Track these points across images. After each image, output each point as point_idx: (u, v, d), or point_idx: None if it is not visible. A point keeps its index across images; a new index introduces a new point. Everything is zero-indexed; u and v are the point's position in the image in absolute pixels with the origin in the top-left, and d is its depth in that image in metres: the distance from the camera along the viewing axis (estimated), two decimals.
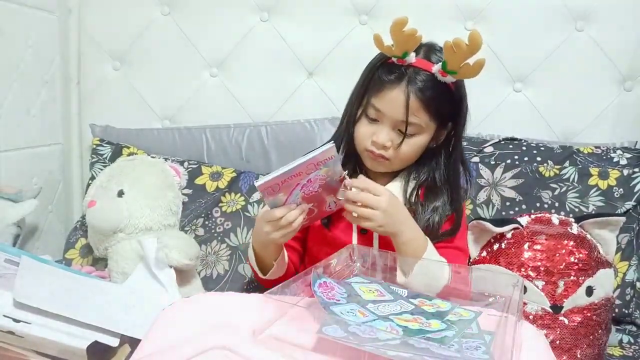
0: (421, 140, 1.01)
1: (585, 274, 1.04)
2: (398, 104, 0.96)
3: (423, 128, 0.99)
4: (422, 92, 0.96)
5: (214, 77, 1.62)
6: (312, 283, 0.73)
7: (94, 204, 1.22)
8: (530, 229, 1.09)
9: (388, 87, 0.98)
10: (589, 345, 1.04)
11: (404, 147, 1.00)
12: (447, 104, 1.00)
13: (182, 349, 0.68)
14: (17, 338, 0.77)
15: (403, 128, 0.98)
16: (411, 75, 0.96)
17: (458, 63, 0.92)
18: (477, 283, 0.86)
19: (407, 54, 0.96)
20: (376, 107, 1.00)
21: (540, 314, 1.03)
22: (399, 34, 0.93)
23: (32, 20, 1.47)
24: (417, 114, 0.97)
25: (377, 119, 1.00)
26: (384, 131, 0.99)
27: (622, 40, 1.45)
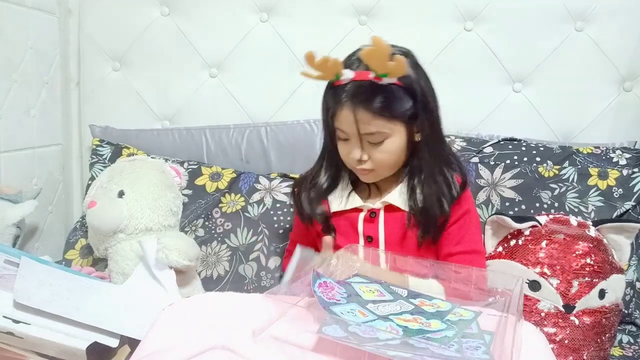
0: (393, 143, 1.00)
1: (599, 276, 1.04)
2: (351, 121, 0.98)
3: (387, 133, 0.99)
4: (367, 102, 0.96)
5: (214, 78, 1.62)
6: (312, 283, 0.73)
7: (94, 205, 1.22)
8: (549, 228, 1.09)
9: (338, 109, 0.99)
10: (595, 347, 1.04)
11: (378, 155, 1.01)
12: (400, 103, 0.98)
13: (182, 349, 0.68)
14: (17, 339, 0.77)
15: (368, 139, 0.99)
16: (353, 91, 0.97)
17: (382, 66, 0.92)
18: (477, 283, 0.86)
19: (339, 75, 0.96)
20: (339, 128, 1.02)
21: (552, 312, 1.03)
22: (315, 65, 0.94)
23: (32, 21, 1.47)
24: (372, 124, 0.97)
25: (347, 138, 1.02)
26: (355, 148, 1.01)
27: (622, 40, 1.45)
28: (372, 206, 1.07)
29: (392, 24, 1.52)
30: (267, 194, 1.39)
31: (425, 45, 1.52)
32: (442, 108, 1.52)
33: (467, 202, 1.08)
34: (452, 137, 1.43)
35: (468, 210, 1.07)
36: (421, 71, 1.03)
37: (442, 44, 1.51)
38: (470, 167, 1.36)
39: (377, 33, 1.64)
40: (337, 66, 0.94)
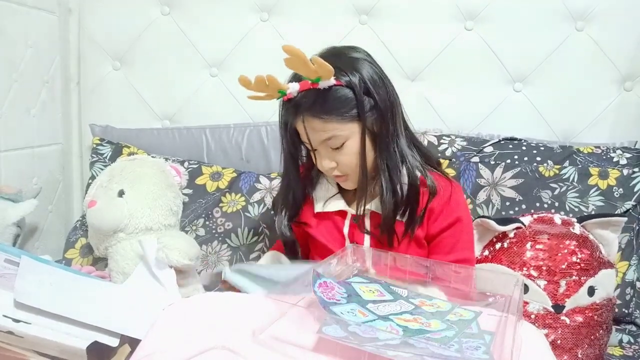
0: (353, 144, 0.99)
1: (587, 274, 1.04)
2: (304, 132, 0.98)
3: (343, 135, 0.98)
4: (312, 110, 0.96)
5: (214, 77, 1.62)
6: (312, 283, 0.73)
7: (95, 204, 1.22)
8: (533, 229, 1.09)
9: (294, 123, 1.00)
10: (590, 345, 1.04)
11: (343, 159, 1.00)
12: (345, 101, 0.96)
13: (182, 349, 0.68)
14: (17, 338, 0.77)
15: (329, 145, 0.99)
16: (299, 102, 0.97)
17: (308, 71, 0.91)
18: (477, 283, 0.86)
19: (283, 91, 0.95)
20: (303, 141, 1.02)
21: (542, 313, 1.03)
22: (254, 88, 0.94)
23: (32, 20, 1.47)
24: (324, 129, 0.97)
25: (315, 149, 1.02)
26: (320, 158, 1.02)
27: (622, 40, 1.45)
28: (354, 212, 1.05)
29: (393, 24, 1.52)
30: (268, 194, 1.39)
31: (425, 45, 1.52)
32: (443, 108, 1.54)
33: (457, 209, 1.05)
34: (453, 137, 1.43)
35: (459, 218, 1.04)
36: (367, 65, 0.99)
37: (442, 43, 1.51)
38: (471, 166, 1.36)
39: (377, 33, 1.65)
40: (275, 82, 0.93)
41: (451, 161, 1.37)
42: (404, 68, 1.53)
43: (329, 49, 1.04)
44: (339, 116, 0.96)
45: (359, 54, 1.02)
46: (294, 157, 1.07)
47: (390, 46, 1.53)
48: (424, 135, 1.43)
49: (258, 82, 0.90)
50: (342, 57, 0.99)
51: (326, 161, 1.01)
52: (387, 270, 0.92)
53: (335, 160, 1.01)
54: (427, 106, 1.54)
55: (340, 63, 0.96)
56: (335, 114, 0.96)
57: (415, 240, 1.04)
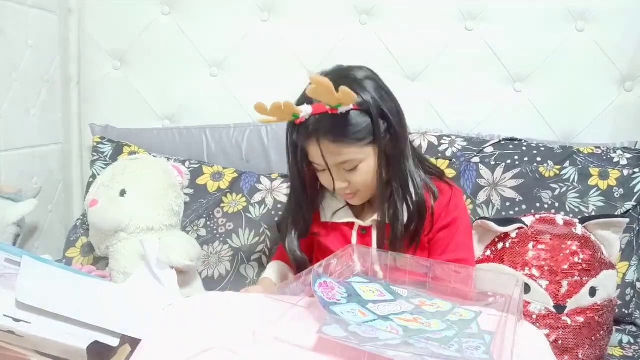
0: (367, 166, 1.00)
1: (589, 274, 1.04)
2: (320, 155, 0.98)
3: (358, 158, 0.99)
4: (329, 134, 0.96)
5: (214, 77, 1.62)
6: (312, 283, 0.73)
7: (96, 203, 1.22)
8: (535, 229, 1.09)
9: (307, 145, 1.00)
10: (590, 345, 1.04)
11: (356, 179, 1.01)
12: (363, 126, 0.97)
13: (182, 349, 0.68)
14: (17, 338, 0.77)
15: (342, 167, 1.00)
16: (315, 125, 0.96)
17: (331, 99, 0.91)
18: (477, 283, 0.86)
19: (297, 114, 0.94)
20: (313, 162, 1.02)
21: (543, 313, 1.03)
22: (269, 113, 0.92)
23: (32, 20, 1.47)
24: (341, 153, 0.98)
25: (323, 169, 1.02)
26: (334, 179, 1.01)
27: (622, 40, 1.45)
28: (362, 223, 1.08)
29: (393, 24, 1.52)
30: (269, 195, 1.39)
31: (426, 45, 1.52)
32: (443, 108, 1.54)
33: (455, 211, 1.07)
34: (453, 137, 1.43)
35: (456, 218, 1.06)
36: (376, 85, 1.00)
37: (442, 43, 1.51)
38: (471, 167, 1.36)
39: (377, 33, 1.65)
40: (291, 108, 0.92)
41: (451, 161, 1.37)
42: (404, 68, 1.53)
43: (336, 70, 1.03)
44: (357, 141, 0.97)
45: (366, 72, 1.02)
46: (301, 176, 1.07)
47: (390, 46, 1.53)
48: (424, 135, 1.43)
49: (274, 109, 0.90)
50: (352, 78, 0.99)
51: (339, 182, 1.02)
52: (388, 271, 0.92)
53: (347, 180, 1.01)
54: (427, 106, 1.54)
55: (352, 86, 0.94)
56: (352, 139, 0.96)
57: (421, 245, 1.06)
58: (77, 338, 0.79)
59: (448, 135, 1.44)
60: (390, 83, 1.52)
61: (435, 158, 1.38)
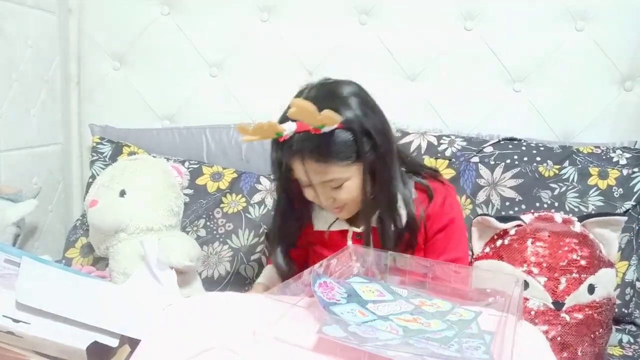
0: (353, 183, 0.99)
1: (587, 271, 1.04)
2: (304, 173, 0.97)
3: (343, 177, 0.98)
4: (313, 153, 0.94)
5: (214, 77, 1.62)
6: (312, 283, 0.73)
7: (96, 204, 1.22)
8: (534, 226, 1.09)
9: (291, 162, 0.98)
10: (589, 343, 1.04)
11: (342, 196, 1.00)
12: (347, 145, 0.95)
13: (182, 349, 0.68)
14: (17, 338, 0.77)
15: (328, 185, 0.98)
16: (299, 144, 0.94)
17: (314, 121, 0.89)
18: (477, 283, 0.86)
19: (280, 132, 0.91)
20: (298, 178, 1.01)
21: (542, 309, 1.03)
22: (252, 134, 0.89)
23: (32, 20, 1.47)
24: (325, 172, 0.96)
25: (309, 184, 1.00)
26: (319, 194, 1.00)
27: (622, 40, 1.45)
28: (356, 229, 1.07)
29: (393, 24, 1.52)
30: (268, 195, 1.39)
31: (426, 45, 1.52)
32: (443, 108, 1.54)
33: (451, 211, 1.07)
34: (453, 137, 1.43)
35: (453, 219, 1.06)
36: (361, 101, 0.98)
37: (442, 43, 1.51)
38: (471, 166, 1.36)
39: (377, 33, 1.65)
40: (274, 127, 0.90)
41: (451, 161, 1.37)
42: (404, 68, 1.54)
43: (322, 84, 1.00)
44: (341, 160, 0.95)
45: (352, 88, 0.99)
46: (287, 191, 1.06)
47: (390, 46, 1.53)
48: (423, 135, 1.43)
49: (257, 129, 0.88)
50: (337, 96, 0.97)
51: (324, 199, 1.01)
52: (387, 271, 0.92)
53: (333, 197, 1.00)
54: (427, 106, 1.54)
55: (336, 103, 0.93)
56: (337, 158, 0.95)
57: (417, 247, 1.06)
58: (77, 338, 0.79)
59: (448, 135, 1.44)
60: (390, 83, 1.54)
61: (434, 158, 1.38)
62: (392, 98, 1.54)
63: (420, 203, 1.05)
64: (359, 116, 0.95)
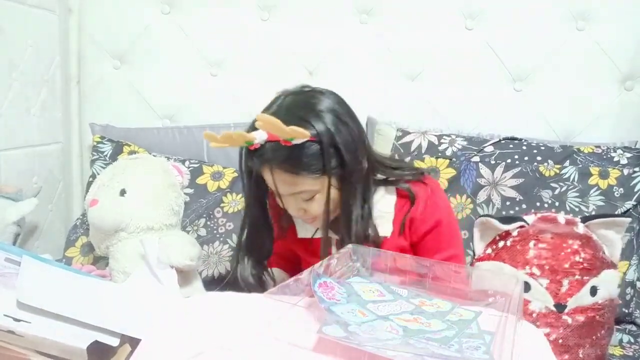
0: (323, 196, 0.97)
1: (590, 273, 1.04)
2: (272, 183, 0.95)
3: (313, 189, 0.96)
4: (283, 164, 0.93)
5: (214, 77, 1.62)
6: (312, 283, 0.73)
7: (96, 203, 1.22)
8: (537, 227, 1.08)
9: (261, 171, 0.96)
10: (591, 345, 1.03)
11: (313, 207, 0.98)
12: (317, 158, 0.93)
13: (182, 349, 0.68)
14: (17, 337, 0.77)
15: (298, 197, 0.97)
16: (270, 154, 0.92)
17: (283, 134, 0.88)
18: (477, 283, 0.86)
19: (250, 141, 0.90)
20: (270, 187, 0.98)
21: (544, 312, 1.03)
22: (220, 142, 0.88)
23: (33, 20, 1.47)
24: (295, 184, 0.95)
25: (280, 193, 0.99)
26: (288, 205, 0.99)
27: (623, 39, 1.45)
28: (337, 237, 1.03)
29: (393, 23, 1.52)
30: None
31: (425, 45, 1.52)
32: (443, 107, 1.54)
33: (437, 212, 1.04)
34: (453, 137, 1.43)
35: (439, 220, 1.04)
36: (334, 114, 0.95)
37: (443, 43, 1.51)
38: (471, 166, 1.35)
39: (377, 33, 1.65)
40: (243, 136, 0.89)
41: (451, 161, 1.37)
42: (404, 68, 1.53)
43: (297, 95, 0.98)
44: (312, 173, 0.94)
45: (329, 101, 0.97)
46: (259, 200, 1.04)
47: (390, 46, 1.53)
48: (424, 134, 1.43)
49: (225, 137, 0.87)
50: (312, 107, 0.95)
51: (294, 209, 0.99)
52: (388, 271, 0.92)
53: (304, 209, 0.99)
54: (427, 106, 1.54)
55: (309, 115, 0.92)
56: (307, 171, 0.93)
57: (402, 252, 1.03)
58: (77, 338, 0.79)
59: (448, 135, 1.44)
60: (391, 82, 1.54)
61: (435, 157, 1.38)
62: (393, 97, 1.55)
63: (401, 208, 1.03)
64: (330, 130, 0.93)
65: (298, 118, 0.90)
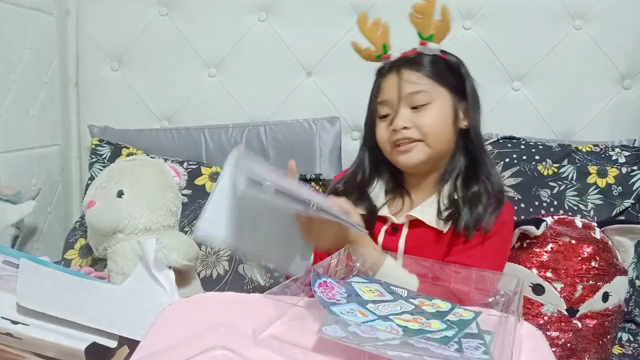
0: (438, 108, 0.97)
1: (604, 279, 1.03)
2: (395, 84, 0.99)
3: (431, 94, 0.97)
4: (412, 63, 0.99)
5: (213, 78, 1.62)
6: (312, 283, 0.73)
7: (94, 205, 1.22)
8: (554, 230, 1.07)
9: (384, 80, 1.01)
10: (597, 350, 1.03)
11: (423, 121, 0.96)
12: (444, 69, 1.00)
13: (181, 349, 0.68)
14: (15, 339, 0.77)
15: (412, 103, 0.97)
16: (399, 61, 1.01)
17: (429, 25, 0.98)
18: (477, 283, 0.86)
19: (386, 47, 1.02)
20: (381, 100, 1.01)
21: (555, 316, 1.02)
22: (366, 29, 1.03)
23: (31, 22, 1.47)
24: (416, 81, 0.98)
25: (389, 112, 0.99)
26: (397, 116, 0.97)
27: (621, 38, 1.45)
28: (395, 220, 1.00)
29: (391, 23, 1.52)
30: None
31: None
32: None
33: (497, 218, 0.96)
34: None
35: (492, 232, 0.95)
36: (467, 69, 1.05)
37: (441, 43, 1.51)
38: None
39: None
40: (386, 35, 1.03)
41: None
42: None
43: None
44: (436, 75, 0.99)
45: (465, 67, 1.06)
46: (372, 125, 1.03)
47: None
48: None
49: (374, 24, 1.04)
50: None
51: (399, 119, 0.97)
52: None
53: (413, 121, 0.97)
54: None
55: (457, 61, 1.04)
56: (431, 69, 0.99)
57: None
58: (75, 339, 0.79)
59: None
60: None
61: None
62: None
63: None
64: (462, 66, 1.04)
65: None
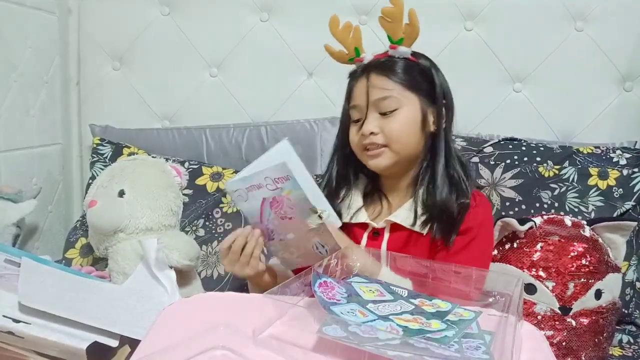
0: (406, 114, 0.98)
1: (595, 277, 1.04)
2: (364, 89, 1.00)
3: (399, 100, 0.98)
4: (381, 68, 1.00)
5: (214, 77, 1.62)
6: (312, 283, 0.73)
7: (95, 204, 1.22)
8: (544, 229, 1.08)
9: (355, 84, 1.03)
10: (593, 348, 1.03)
11: (391, 126, 0.98)
12: (415, 73, 1.00)
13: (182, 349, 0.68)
14: (17, 338, 0.77)
15: (381, 109, 0.98)
16: (370, 65, 1.02)
17: (399, 28, 0.98)
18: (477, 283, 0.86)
19: (359, 50, 1.03)
20: (353, 105, 1.02)
21: (548, 314, 1.03)
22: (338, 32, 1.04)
23: (32, 21, 1.47)
24: (384, 86, 0.98)
25: (359, 117, 1.01)
26: (366, 121, 1.00)
27: (622, 40, 1.45)
28: (376, 225, 1.03)
29: None
30: None
31: (425, 45, 1.51)
32: None
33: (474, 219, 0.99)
34: (453, 137, 1.43)
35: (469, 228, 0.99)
36: (439, 71, 1.05)
37: (442, 43, 1.51)
38: (471, 167, 1.35)
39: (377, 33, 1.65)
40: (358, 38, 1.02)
41: None
42: None
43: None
44: (405, 81, 0.99)
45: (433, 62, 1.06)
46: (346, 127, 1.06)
47: None
48: None
49: (345, 27, 1.03)
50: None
51: (368, 124, 0.99)
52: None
53: (380, 127, 0.99)
54: None
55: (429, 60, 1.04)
56: (400, 75, 0.99)
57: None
58: (77, 339, 0.79)
59: None
60: None
61: None
62: None
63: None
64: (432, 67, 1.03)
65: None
